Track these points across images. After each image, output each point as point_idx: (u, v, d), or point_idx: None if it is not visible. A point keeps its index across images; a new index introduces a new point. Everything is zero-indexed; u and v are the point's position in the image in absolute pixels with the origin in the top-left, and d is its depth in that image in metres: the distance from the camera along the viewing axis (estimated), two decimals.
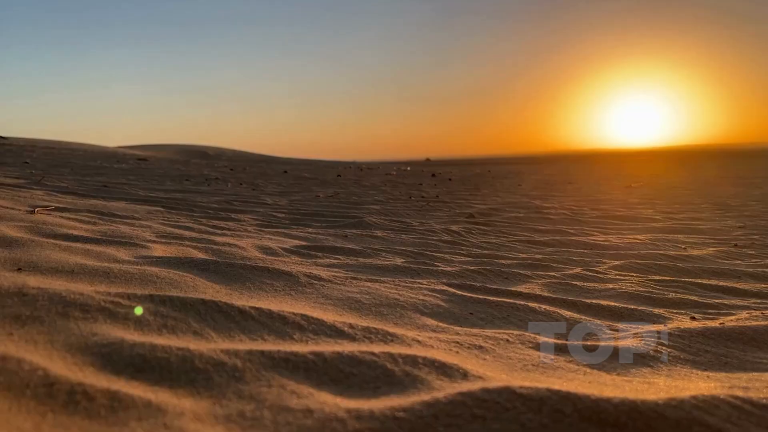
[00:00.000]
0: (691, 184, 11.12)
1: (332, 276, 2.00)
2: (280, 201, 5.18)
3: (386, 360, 1.11)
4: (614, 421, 0.90)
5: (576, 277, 2.53)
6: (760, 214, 6.11)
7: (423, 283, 2.07)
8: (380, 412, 0.86)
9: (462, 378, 1.07)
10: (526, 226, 4.45)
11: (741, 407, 1.00)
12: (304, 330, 1.31)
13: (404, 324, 1.57)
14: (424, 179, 10.95)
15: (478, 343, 1.45)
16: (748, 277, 2.83)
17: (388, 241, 3.29)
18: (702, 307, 2.11)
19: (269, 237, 3.01)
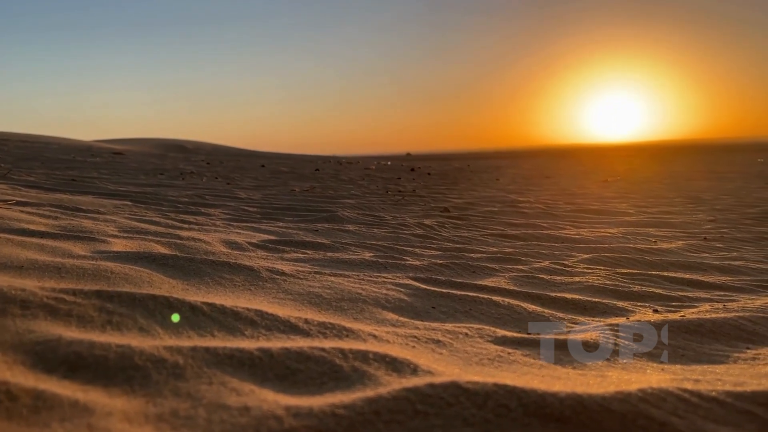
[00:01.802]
0: (666, 179, 11.26)
1: (295, 271, 1.98)
2: (253, 195, 5.13)
3: (335, 355, 1.09)
4: (558, 416, 0.89)
5: (544, 270, 2.53)
6: (731, 208, 6.20)
7: (388, 277, 2.06)
8: (320, 409, 0.84)
9: (411, 373, 1.06)
10: (499, 220, 4.46)
11: (688, 400, 1.00)
12: (257, 326, 1.28)
13: (364, 319, 1.56)
14: (403, 173, 10.94)
15: (437, 337, 1.43)
16: (714, 270, 2.86)
17: (360, 235, 3.27)
18: (666, 300, 2.12)
19: (237, 231, 2.97)
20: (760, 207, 6.29)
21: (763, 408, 1.02)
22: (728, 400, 1.03)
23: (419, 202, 5.55)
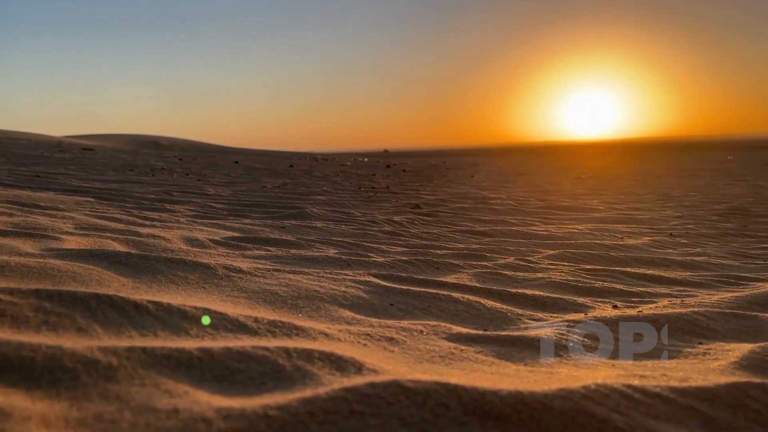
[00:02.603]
0: (637, 176, 11.41)
1: (254, 268, 1.94)
2: (222, 191, 5.07)
3: (279, 355, 1.06)
4: (498, 414, 0.88)
5: (508, 266, 2.54)
6: (699, 205, 6.30)
7: (349, 274, 2.04)
8: (252, 411, 0.82)
9: (355, 372, 1.04)
10: (469, 217, 4.47)
11: (631, 396, 1.00)
12: (203, 325, 1.25)
13: (318, 317, 1.53)
14: (378, 170, 10.92)
15: (390, 335, 1.42)
16: (676, 266, 2.89)
17: (327, 231, 3.24)
18: (626, 296, 2.13)
19: (201, 228, 2.93)
20: (727, 203, 6.40)
21: (707, 404, 1.02)
22: (672, 396, 1.03)
23: (391, 198, 5.54)
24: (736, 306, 1.90)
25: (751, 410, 1.01)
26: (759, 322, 1.70)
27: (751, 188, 8.65)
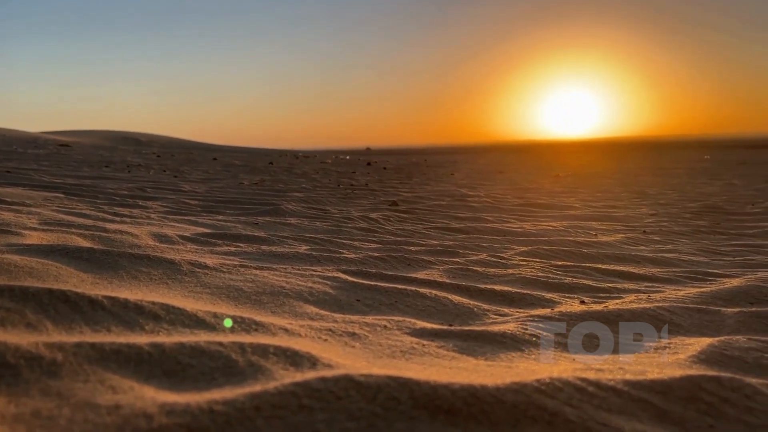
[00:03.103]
0: (615, 174, 11.52)
1: (220, 264, 1.92)
2: (198, 188, 5.02)
3: (233, 350, 1.05)
4: (448, 408, 0.87)
5: (479, 262, 2.54)
6: (674, 202, 6.38)
7: (317, 270, 2.02)
8: (197, 406, 0.80)
9: (310, 367, 1.03)
10: (446, 214, 4.47)
11: (585, 389, 1.00)
12: (160, 320, 1.23)
13: (281, 312, 1.52)
14: (359, 168, 10.90)
15: (353, 330, 1.41)
16: (647, 262, 2.92)
17: (300, 228, 3.22)
18: (594, 291, 2.14)
19: (172, 224, 2.89)
20: (701, 201, 6.48)
21: (660, 396, 1.02)
22: (626, 389, 1.03)
23: (369, 195, 5.53)
24: (700, 301, 1.92)
25: (703, 403, 1.02)
26: (721, 316, 1.72)
27: (726, 187, 8.78)
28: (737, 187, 8.65)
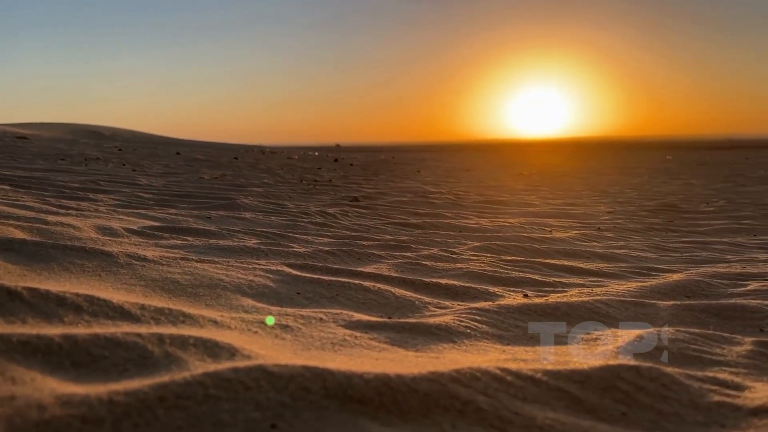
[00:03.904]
0: (579, 173, 11.70)
1: (160, 257, 1.89)
2: (155, 182, 4.93)
3: (150, 341, 1.03)
4: (360, 397, 0.87)
5: (430, 257, 2.54)
6: (632, 201, 6.50)
7: (261, 263, 2.00)
8: (96, 397, 0.78)
9: (227, 358, 1.01)
10: (405, 210, 4.48)
11: (503, 379, 1.00)
12: (81, 312, 1.20)
13: (216, 305, 1.50)
14: (325, 164, 10.85)
15: (287, 322, 1.40)
16: (596, 258, 2.96)
17: (254, 222, 3.18)
18: (540, 286, 2.16)
19: (120, 218, 2.83)
20: (659, 200, 6.62)
21: (577, 385, 1.04)
22: (544, 378, 1.04)
23: (331, 191, 5.50)
24: (639, 295, 1.96)
25: (620, 392, 1.04)
26: (656, 309, 1.75)
27: (684, 186, 8.98)
28: (695, 187, 8.86)
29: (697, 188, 8.58)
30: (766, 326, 1.63)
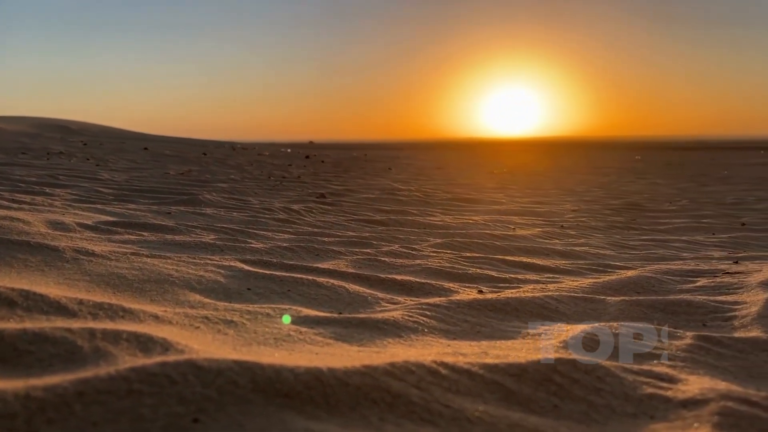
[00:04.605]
0: (549, 172, 11.83)
1: (109, 252, 1.85)
2: (117, 177, 4.84)
3: (81, 336, 1.01)
4: (288, 391, 0.86)
5: (389, 253, 2.54)
6: (597, 199, 6.60)
7: (215, 259, 1.98)
8: (13, 392, 0.76)
9: (159, 353, 1.00)
10: (371, 207, 4.48)
11: (438, 372, 1.01)
12: (15, 306, 1.17)
13: (162, 300, 1.47)
14: (296, 160, 10.78)
15: (232, 318, 1.38)
16: (556, 255, 3.00)
17: (214, 218, 3.15)
18: (495, 282, 2.18)
19: (75, 212, 2.77)
20: (624, 199, 6.73)
21: (513, 379, 1.05)
22: (481, 372, 1.05)
23: (298, 188, 5.47)
24: (591, 291, 1.99)
25: (554, 384, 1.05)
26: (605, 305, 1.78)
27: (650, 186, 9.15)
28: (660, 186, 9.03)
29: (662, 188, 8.75)
30: (709, 321, 1.67)
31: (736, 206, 6.17)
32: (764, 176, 11.12)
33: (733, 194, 7.54)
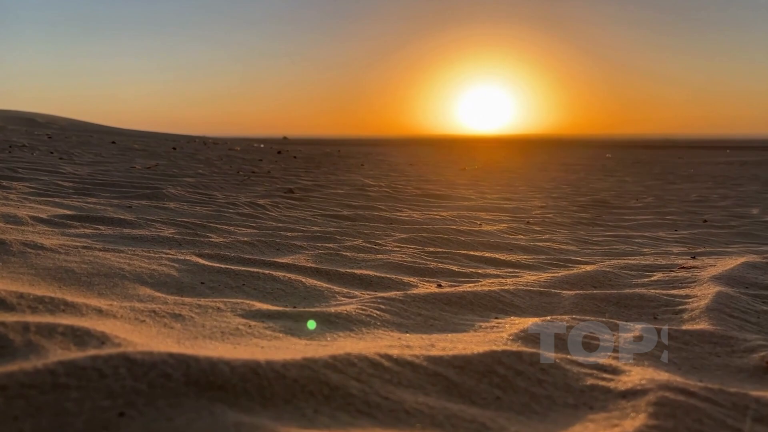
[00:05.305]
0: (520, 169, 11.94)
1: (60, 245, 1.81)
2: (80, 170, 4.74)
3: (13, 329, 0.98)
4: (222, 384, 0.85)
5: (352, 248, 2.53)
6: (566, 196, 6.67)
7: (170, 253, 1.95)
8: None
9: (95, 346, 0.97)
10: (339, 202, 4.46)
11: (381, 364, 1.00)
12: None
13: (109, 294, 1.44)
14: (268, 156, 10.70)
15: (180, 311, 1.36)
16: (519, 250, 3.02)
17: (176, 212, 3.10)
18: (456, 276, 2.18)
19: (31, 206, 2.71)
20: (591, 196, 6.82)
21: (457, 370, 1.05)
22: (424, 364, 1.04)
23: (267, 182, 5.43)
24: (548, 285, 2.00)
25: (498, 376, 1.05)
26: (559, 298, 1.79)
27: (618, 183, 9.29)
28: (628, 184, 9.17)
29: (629, 185, 8.89)
30: (660, 314, 1.70)
31: (699, 203, 6.30)
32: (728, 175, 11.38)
33: (698, 192, 7.70)
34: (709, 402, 0.99)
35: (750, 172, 12.08)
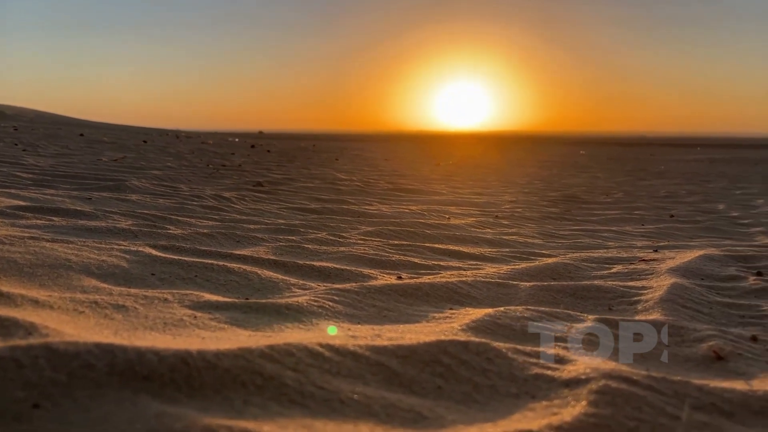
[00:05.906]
0: (495, 164, 11.99)
1: (5, 236, 1.75)
2: (42, 162, 4.63)
3: None
4: (148, 374, 0.82)
5: (314, 241, 2.51)
6: (537, 191, 6.71)
7: (123, 244, 1.90)
8: None
9: (21, 337, 0.93)
10: (308, 196, 4.42)
11: (321, 354, 0.98)
12: None
13: (51, 285, 1.40)
14: (240, 149, 10.58)
15: (124, 302, 1.32)
16: (484, 243, 3.02)
17: (137, 204, 3.04)
18: (417, 268, 2.17)
19: None
20: (563, 191, 6.87)
21: (399, 360, 1.03)
22: (367, 353, 1.03)
23: (236, 176, 5.36)
24: (507, 277, 2.00)
25: (441, 366, 1.04)
26: (516, 290, 1.79)
27: (590, 179, 9.38)
28: (599, 179, 9.26)
29: (600, 181, 8.98)
30: (615, 305, 1.70)
31: (667, 199, 6.38)
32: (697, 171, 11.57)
33: (667, 188, 7.81)
34: (650, 390, 0.99)
35: (718, 169, 12.29)
